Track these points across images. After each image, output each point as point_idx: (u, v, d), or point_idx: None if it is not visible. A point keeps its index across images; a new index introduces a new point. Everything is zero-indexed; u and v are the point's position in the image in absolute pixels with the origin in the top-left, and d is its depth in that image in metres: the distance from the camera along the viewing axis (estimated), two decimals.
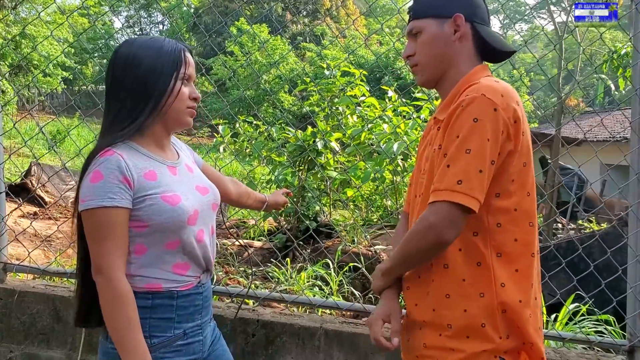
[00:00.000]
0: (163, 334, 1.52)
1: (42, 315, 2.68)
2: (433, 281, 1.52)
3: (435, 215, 1.38)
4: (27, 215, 5.44)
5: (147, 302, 1.50)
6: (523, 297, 1.48)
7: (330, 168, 5.97)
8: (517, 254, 1.49)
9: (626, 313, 2.49)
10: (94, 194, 1.43)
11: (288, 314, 2.68)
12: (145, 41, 1.57)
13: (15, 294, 2.69)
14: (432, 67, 1.61)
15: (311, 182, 6.04)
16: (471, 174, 1.36)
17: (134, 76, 1.53)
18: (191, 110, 1.61)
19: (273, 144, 6.46)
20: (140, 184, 1.48)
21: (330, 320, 2.66)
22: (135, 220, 1.48)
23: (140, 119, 1.52)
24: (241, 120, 6.93)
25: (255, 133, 6.77)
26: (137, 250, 1.51)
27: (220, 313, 2.60)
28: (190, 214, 1.54)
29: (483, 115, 1.39)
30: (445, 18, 1.57)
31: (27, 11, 19.29)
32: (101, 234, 1.44)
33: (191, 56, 1.63)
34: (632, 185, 2.42)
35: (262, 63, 22.94)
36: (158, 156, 1.59)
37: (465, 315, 1.46)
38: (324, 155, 5.61)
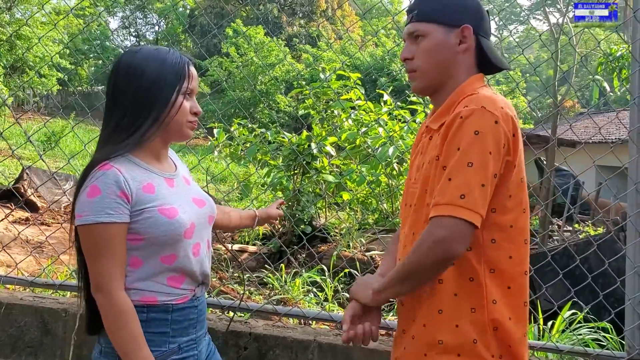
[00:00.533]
0: (158, 348, 1.50)
1: (30, 328, 2.62)
2: (424, 297, 1.48)
3: (443, 229, 1.33)
4: (19, 221, 5.38)
5: (142, 315, 1.48)
6: (513, 315, 1.45)
7: (326, 172, 5.93)
8: (511, 272, 1.46)
9: (624, 324, 2.45)
10: (91, 210, 1.42)
11: (281, 327, 2.63)
12: (150, 51, 1.56)
13: (2, 306, 2.63)
14: (432, 75, 1.55)
15: (306, 186, 6.00)
16: (474, 188, 1.32)
17: (136, 87, 1.51)
18: (192, 124, 1.60)
19: (268, 147, 6.41)
20: (139, 197, 1.47)
21: (324, 332, 2.61)
22: (132, 233, 1.47)
23: (140, 131, 1.51)
24: (236, 123, 6.88)
25: (251, 136, 6.71)
26: (132, 263, 1.49)
27: (212, 326, 2.54)
28: (187, 228, 1.53)
29: (484, 128, 1.35)
30: (452, 27, 1.51)
31: (22, 12, 19.20)
32: (99, 251, 1.43)
33: (195, 70, 1.61)
34: (631, 195, 2.38)
35: (258, 64, 22.88)
36: (156, 168, 1.57)
37: (457, 331, 1.43)
38: (319, 159, 5.57)
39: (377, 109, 6.34)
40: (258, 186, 7.32)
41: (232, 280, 5.17)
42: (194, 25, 29.38)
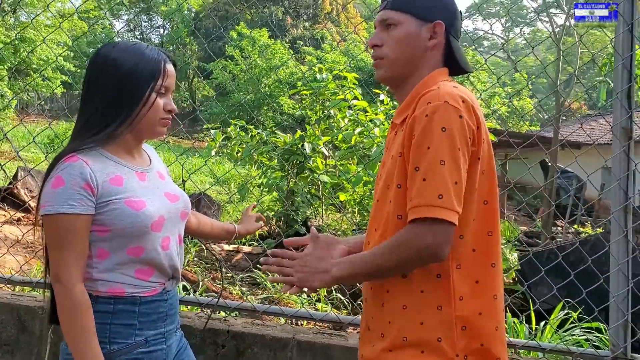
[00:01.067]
0: (124, 340, 1.50)
1: (7, 326, 2.60)
2: (388, 292, 1.46)
3: (430, 234, 1.30)
4: (11, 222, 5.38)
5: (109, 307, 1.49)
6: (484, 309, 1.43)
7: (320, 172, 5.90)
8: (476, 265, 1.44)
9: (609, 322, 2.40)
10: (54, 200, 1.42)
11: (260, 324, 2.60)
12: (127, 47, 1.56)
13: None
14: (398, 65, 1.54)
15: (301, 186, 5.96)
16: (449, 186, 1.30)
17: (109, 82, 1.52)
18: (165, 121, 1.60)
19: (265, 147, 6.39)
20: (105, 189, 1.47)
21: (303, 330, 2.58)
22: (98, 225, 1.47)
23: (111, 127, 1.51)
24: (233, 124, 6.86)
25: (247, 137, 6.70)
26: (99, 254, 1.50)
27: (190, 323, 2.52)
28: (155, 220, 1.52)
29: (450, 124, 1.33)
30: (425, 21, 1.51)
31: (27, 15, 19.31)
32: (59, 241, 1.44)
33: (173, 67, 1.61)
34: (614, 191, 2.34)
35: (262, 67, 22.92)
36: (127, 162, 1.57)
37: (422, 328, 1.40)
38: (312, 159, 5.53)
39: (374, 109, 6.30)
40: (255, 187, 7.29)
41: (224, 280, 5.14)
42: (199, 28, 29.48)
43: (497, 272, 1.47)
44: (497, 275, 1.47)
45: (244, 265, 5.56)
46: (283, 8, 31.80)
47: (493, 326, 1.44)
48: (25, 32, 16.52)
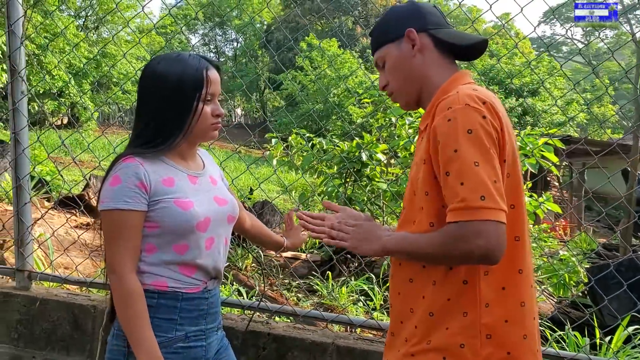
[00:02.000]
0: (164, 334, 1.58)
1: (62, 323, 2.75)
2: (424, 298, 1.44)
3: (478, 237, 1.26)
4: (80, 226, 5.68)
5: (152, 301, 1.58)
6: (510, 317, 1.39)
7: (380, 180, 5.86)
8: (503, 271, 1.39)
9: None
10: (112, 197, 1.54)
11: (300, 328, 2.62)
12: (170, 61, 1.64)
13: (38, 301, 2.78)
14: (406, 89, 1.58)
15: (359, 195, 5.95)
16: (489, 186, 1.27)
17: (159, 96, 1.61)
18: (215, 125, 1.68)
19: (325, 156, 6.43)
20: (157, 189, 1.57)
21: (343, 336, 2.58)
22: (149, 221, 1.57)
23: (166, 143, 1.61)
24: (295, 132, 6.95)
25: (307, 146, 6.76)
26: (147, 249, 1.60)
27: (233, 325, 2.58)
28: (200, 220, 1.61)
29: (475, 125, 1.31)
30: (400, 38, 1.54)
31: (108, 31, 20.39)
32: (114, 234, 1.55)
33: (217, 71, 1.68)
34: None
35: (332, 77, 23.08)
36: (181, 166, 1.68)
37: (446, 333, 1.39)
38: (369, 167, 5.51)
39: None
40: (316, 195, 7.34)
41: (281, 287, 5.21)
42: (270, 40, 30.09)
43: (524, 278, 1.43)
44: (525, 282, 1.43)
45: (302, 272, 5.61)
46: (353, 18, 31.94)
47: (520, 334, 1.39)
48: (107, 48, 17.43)
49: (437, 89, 1.50)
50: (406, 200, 1.53)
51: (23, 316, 2.84)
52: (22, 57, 2.91)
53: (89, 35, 17.64)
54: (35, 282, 3.01)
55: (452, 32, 1.54)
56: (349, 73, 21.72)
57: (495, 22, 35.34)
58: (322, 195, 6.53)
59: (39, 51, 15.65)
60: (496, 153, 1.32)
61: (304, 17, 27.56)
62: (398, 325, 1.52)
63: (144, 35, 16.54)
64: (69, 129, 19.28)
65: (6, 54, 2.90)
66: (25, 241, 2.92)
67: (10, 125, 2.91)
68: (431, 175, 1.38)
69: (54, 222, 5.23)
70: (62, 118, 22.97)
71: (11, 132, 2.90)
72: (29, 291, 2.90)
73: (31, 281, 2.95)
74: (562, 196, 18.33)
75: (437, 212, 1.37)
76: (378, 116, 7.10)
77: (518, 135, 5.26)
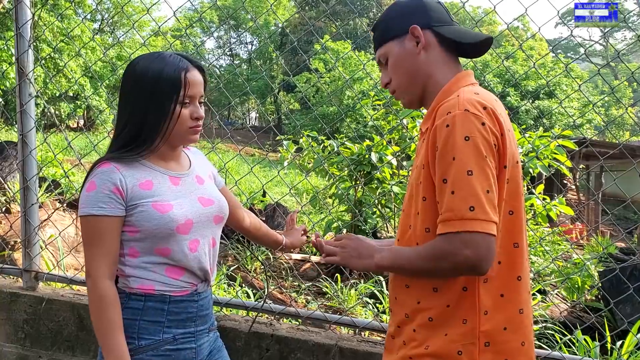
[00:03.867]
0: (151, 336, 1.57)
1: (68, 323, 2.77)
2: (419, 303, 1.43)
3: (465, 248, 1.25)
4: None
5: (139, 303, 1.57)
6: (509, 324, 1.38)
7: (390, 182, 5.84)
8: (502, 278, 1.38)
9: None
10: (87, 202, 1.53)
11: (304, 330, 2.61)
12: (149, 61, 1.60)
13: (44, 301, 2.80)
14: (408, 87, 1.55)
15: (369, 197, 5.93)
16: (481, 196, 1.25)
17: (136, 98, 1.58)
18: (194, 129, 1.64)
19: (335, 158, 6.42)
20: (134, 193, 1.55)
21: (346, 337, 2.56)
22: (129, 226, 1.56)
23: (140, 146, 1.58)
24: (305, 134, 6.96)
25: (319, 148, 6.76)
26: (130, 253, 1.59)
27: (236, 326, 2.58)
28: (181, 223, 1.58)
29: (473, 132, 1.29)
30: (403, 35, 1.51)
31: (124, 35, 20.58)
32: (90, 240, 1.53)
33: (198, 72, 1.63)
34: None
35: (345, 79, 23.07)
36: (160, 167, 1.64)
37: (444, 340, 1.37)
38: (380, 169, 5.49)
39: None
40: (327, 198, 7.33)
41: (291, 289, 5.20)
42: (285, 43, 30.14)
43: (523, 285, 1.41)
44: (523, 289, 1.41)
45: (311, 275, 5.60)
46: (368, 20, 31.91)
47: (519, 341, 1.39)
48: (122, 51, 17.56)
49: (440, 89, 1.48)
50: (405, 203, 1.53)
51: (30, 316, 2.86)
52: (30, 59, 2.94)
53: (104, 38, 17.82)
54: (42, 283, 3.04)
55: (456, 29, 1.51)
56: (363, 75, 21.68)
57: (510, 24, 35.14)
58: (333, 197, 6.53)
59: (55, 54, 15.83)
60: (494, 160, 1.31)
61: (318, 19, 27.58)
62: (396, 329, 1.52)
63: (158, 38, 16.63)
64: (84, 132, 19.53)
65: (15, 57, 2.93)
66: (32, 242, 2.95)
67: (18, 127, 2.94)
68: (429, 181, 1.37)
69: (66, 224, 5.27)
70: (77, 121, 23.22)
71: (19, 134, 2.93)
72: (36, 291, 2.93)
73: (38, 281, 2.98)
74: (578, 199, 18.14)
75: (433, 218, 1.36)
76: (389, 118, 7.09)
77: (530, 137, 5.21)
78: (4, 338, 2.91)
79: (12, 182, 6.42)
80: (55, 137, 14.98)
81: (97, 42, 17.33)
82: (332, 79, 22.70)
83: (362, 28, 31.39)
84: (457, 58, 1.54)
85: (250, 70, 36.33)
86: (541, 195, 5.48)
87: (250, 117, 46.39)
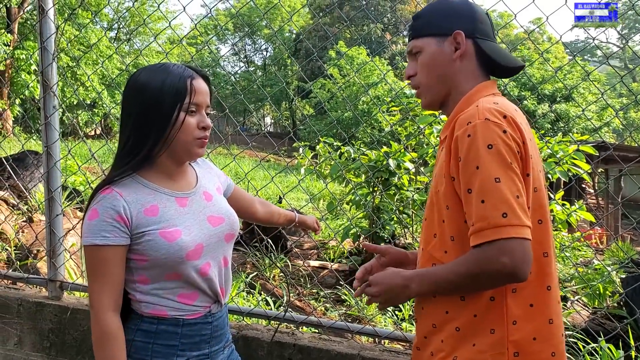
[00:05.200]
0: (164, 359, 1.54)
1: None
2: (447, 313, 1.42)
3: (503, 255, 1.24)
4: None
5: (152, 327, 1.53)
6: (538, 334, 1.36)
7: (408, 188, 5.83)
8: (531, 288, 1.37)
9: None
10: (90, 232, 1.46)
11: (326, 339, 2.61)
12: (152, 70, 1.55)
13: (69, 311, 2.84)
14: (434, 88, 1.53)
15: (387, 204, 5.92)
16: (512, 202, 1.25)
17: (138, 107, 1.52)
18: (201, 140, 1.56)
19: (353, 164, 6.43)
20: (140, 221, 1.49)
21: (369, 347, 2.56)
22: (136, 254, 1.51)
23: (143, 152, 1.52)
24: (322, 141, 6.97)
25: (336, 154, 6.77)
26: (140, 280, 1.54)
27: (258, 335, 2.58)
28: (191, 249, 1.52)
29: (495, 140, 1.28)
30: (444, 36, 1.49)
31: (140, 43, 20.78)
32: (94, 270, 1.48)
33: (204, 82, 1.58)
34: None
35: (361, 85, 23.11)
36: (166, 188, 1.58)
37: (472, 350, 1.37)
38: (397, 175, 5.48)
39: None
40: (345, 204, 7.33)
41: (309, 296, 5.21)
42: (299, 49, 30.25)
43: (552, 295, 1.40)
44: (553, 299, 1.40)
45: (329, 282, 5.60)
46: (382, 25, 31.92)
47: (549, 352, 1.37)
48: (139, 59, 17.73)
49: (462, 97, 1.48)
50: (427, 211, 1.52)
51: (55, 325, 2.90)
52: (54, 72, 2.98)
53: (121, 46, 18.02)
54: (66, 292, 3.07)
55: (496, 47, 1.50)
56: (378, 80, 21.66)
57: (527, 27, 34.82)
58: (350, 203, 6.53)
59: (73, 63, 16.02)
60: (519, 167, 1.30)
61: (333, 25, 27.65)
62: (422, 340, 1.50)
63: (174, 47, 16.79)
64: (102, 139, 19.71)
65: (39, 70, 2.98)
66: (57, 252, 2.99)
67: (42, 139, 2.99)
68: (452, 190, 1.36)
69: None
70: (95, 128, 23.46)
71: (43, 145, 2.97)
72: (61, 301, 2.96)
73: (63, 291, 3.02)
74: (597, 204, 17.93)
75: (458, 226, 1.35)
76: (406, 124, 7.08)
77: (549, 142, 5.17)
78: (30, 347, 2.95)
79: (34, 191, 6.50)
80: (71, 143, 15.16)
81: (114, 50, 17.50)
82: (347, 85, 22.69)
83: (377, 33, 31.43)
84: (488, 73, 1.53)
85: (265, 76, 36.50)
86: (560, 200, 5.44)
87: (265, 122, 46.58)
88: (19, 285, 3.33)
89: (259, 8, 9.83)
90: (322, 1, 31.53)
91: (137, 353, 1.51)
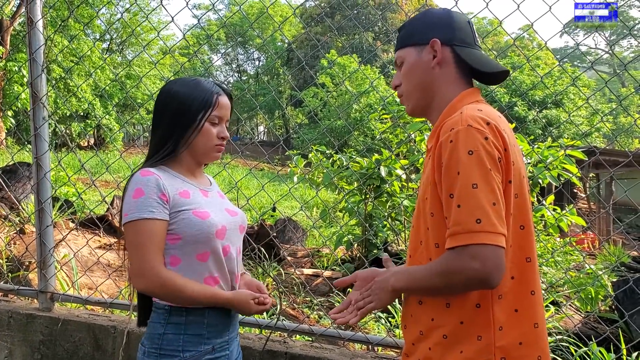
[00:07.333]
0: (195, 348, 1.67)
1: (84, 344, 2.79)
2: (433, 320, 1.44)
3: (473, 261, 1.26)
4: (104, 247, 5.76)
5: (182, 318, 1.67)
6: (524, 339, 1.38)
7: (400, 195, 5.85)
8: (515, 293, 1.39)
9: None
10: (136, 208, 1.62)
11: (318, 347, 2.61)
12: (186, 81, 1.79)
13: (59, 322, 2.83)
14: (415, 96, 1.57)
15: (379, 211, 5.94)
16: (487, 209, 1.26)
17: (168, 110, 1.74)
18: (219, 147, 1.80)
19: (345, 172, 6.44)
20: (176, 201, 1.67)
21: (361, 354, 2.56)
22: (171, 234, 1.67)
23: (168, 146, 1.73)
24: (314, 149, 6.98)
25: (328, 162, 6.78)
26: (172, 262, 1.68)
27: (249, 344, 2.58)
28: (219, 228, 1.70)
29: (476, 146, 1.30)
30: (423, 45, 1.53)
31: (133, 53, 20.80)
32: (141, 240, 1.62)
33: (228, 99, 1.82)
34: None
35: (352, 93, 23.17)
36: (191, 180, 1.79)
37: (460, 357, 1.37)
38: (389, 182, 5.50)
39: None
40: (337, 212, 7.33)
41: (303, 304, 5.20)
42: (291, 58, 30.31)
43: (536, 299, 1.42)
44: (537, 303, 1.42)
45: (323, 290, 5.59)
46: (373, 33, 32.05)
47: (535, 355, 1.39)
48: (131, 70, 17.74)
49: (446, 105, 1.50)
50: (414, 219, 1.54)
51: (46, 337, 2.89)
52: (43, 84, 2.99)
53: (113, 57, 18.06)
54: (57, 303, 3.06)
55: (476, 54, 1.52)
56: (368, 89, 21.76)
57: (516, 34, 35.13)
58: (343, 211, 6.54)
59: (65, 74, 16.01)
60: (499, 174, 1.32)
61: (325, 34, 27.76)
62: (410, 347, 1.51)
63: (165, 57, 16.82)
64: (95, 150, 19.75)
65: (28, 81, 2.98)
66: (47, 263, 2.98)
67: (32, 150, 2.99)
68: (436, 197, 1.38)
69: (79, 244, 5.32)
70: (88, 139, 23.41)
71: (33, 156, 2.97)
72: (52, 312, 2.95)
73: (54, 302, 3.01)
74: (589, 208, 18.01)
75: (442, 233, 1.37)
76: (397, 131, 7.11)
77: (539, 148, 5.20)
78: (21, 359, 2.93)
79: (25, 203, 6.47)
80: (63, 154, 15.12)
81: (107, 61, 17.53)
82: (339, 93, 22.76)
83: (368, 42, 31.55)
84: (470, 80, 1.55)
85: (257, 85, 36.52)
86: (551, 205, 5.46)
87: (258, 131, 46.58)
88: (9, 297, 3.32)
89: (249, 18, 9.86)
90: (314, 10, 31.68)
91: (169, 345, 1.65)
